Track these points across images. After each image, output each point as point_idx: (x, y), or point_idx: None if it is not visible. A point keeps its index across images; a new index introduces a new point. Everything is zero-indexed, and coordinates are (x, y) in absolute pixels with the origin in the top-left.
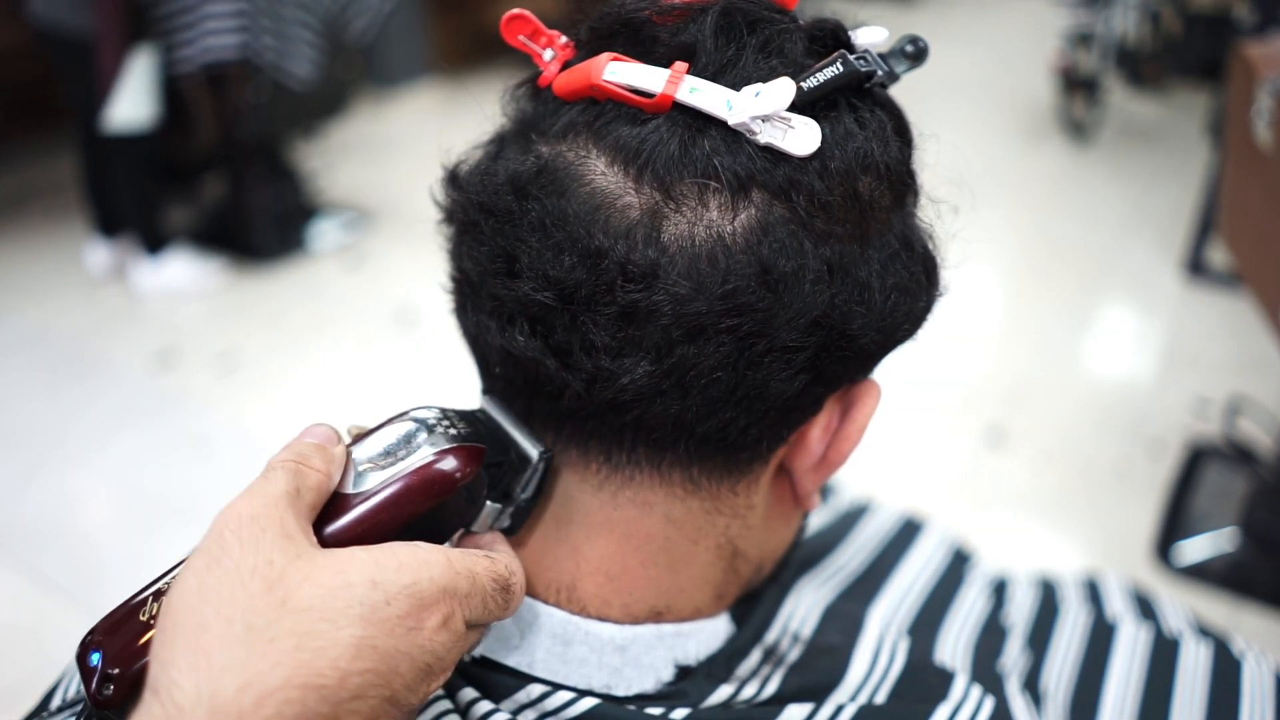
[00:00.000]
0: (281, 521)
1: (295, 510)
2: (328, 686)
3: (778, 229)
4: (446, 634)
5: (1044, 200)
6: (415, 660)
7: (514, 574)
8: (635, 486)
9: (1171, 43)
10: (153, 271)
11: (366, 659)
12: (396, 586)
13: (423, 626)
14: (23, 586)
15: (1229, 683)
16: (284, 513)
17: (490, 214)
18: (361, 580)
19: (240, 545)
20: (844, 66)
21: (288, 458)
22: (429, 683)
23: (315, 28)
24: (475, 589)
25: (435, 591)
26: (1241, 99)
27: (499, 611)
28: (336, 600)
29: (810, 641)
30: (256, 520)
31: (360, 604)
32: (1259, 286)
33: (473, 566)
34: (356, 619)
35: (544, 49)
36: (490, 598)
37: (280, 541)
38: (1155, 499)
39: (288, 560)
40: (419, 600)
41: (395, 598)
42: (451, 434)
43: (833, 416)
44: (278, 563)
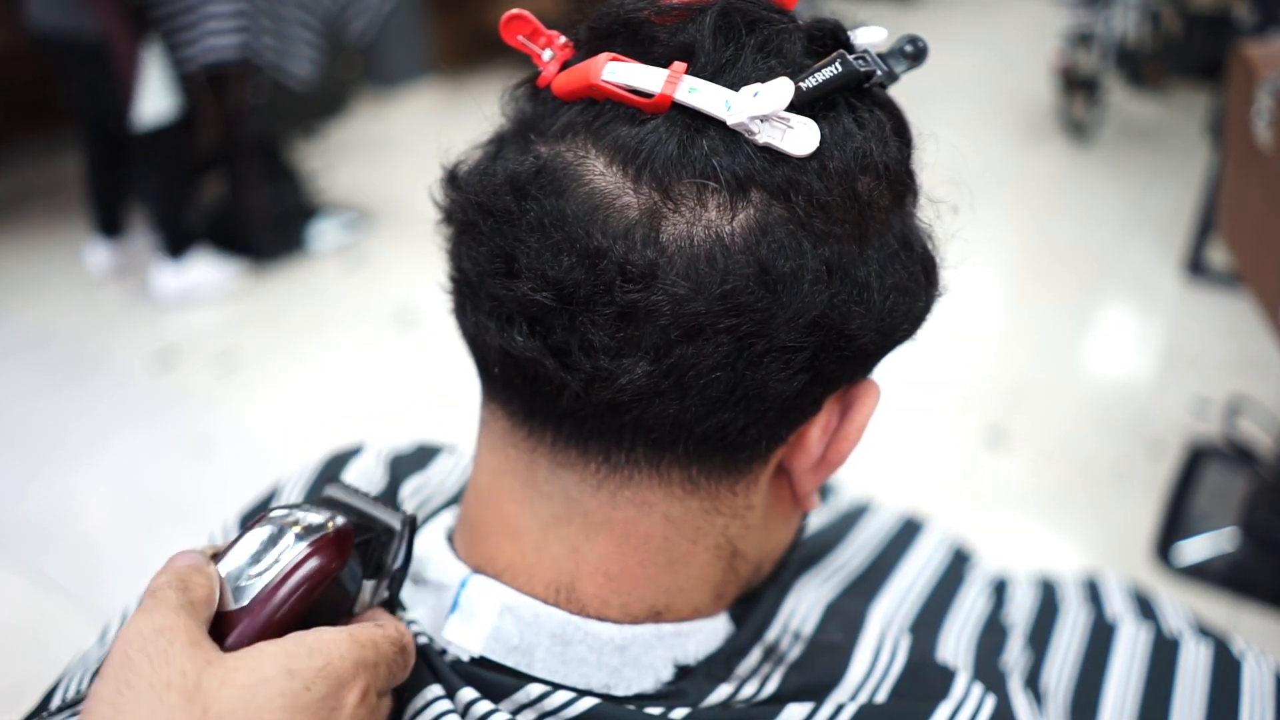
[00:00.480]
0: (186, 630)
1: (196, 618)
2: None
3: (776, 229)
4: (364, 708)
5: (1044, 200)
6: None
7: (403, 634)
8: (634, 486)
9: (1171, 43)
10: (175, 275)
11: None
12: (311, 671)
13: (343, 704)
14: (23, 586)
15: (1229, 683)
16: (186, 621)
17: (489, 214)
18: (278, 673)
19: (149, 661)
20: (843, 66)
21: (167, 579)
22: None
23: (315, 28)
24: (380, 656)
25: (349, 668)
26: (1241, 99)
27: (400, 674)
28: (257, 697)
29: (811, 639)
30: (161, 634)
31: (281, 695)
32: (1259, 286)
33: (372, 635)
34: (280, 710)
35: (543, 49)
36: (393, 661)
37: (189, 650)
38: (1155, 499)
39: (199, 668)
40: (336, 680)
41: (313, 682)
42: (314, 525)
43: (832, 416)
44: (190, 672)
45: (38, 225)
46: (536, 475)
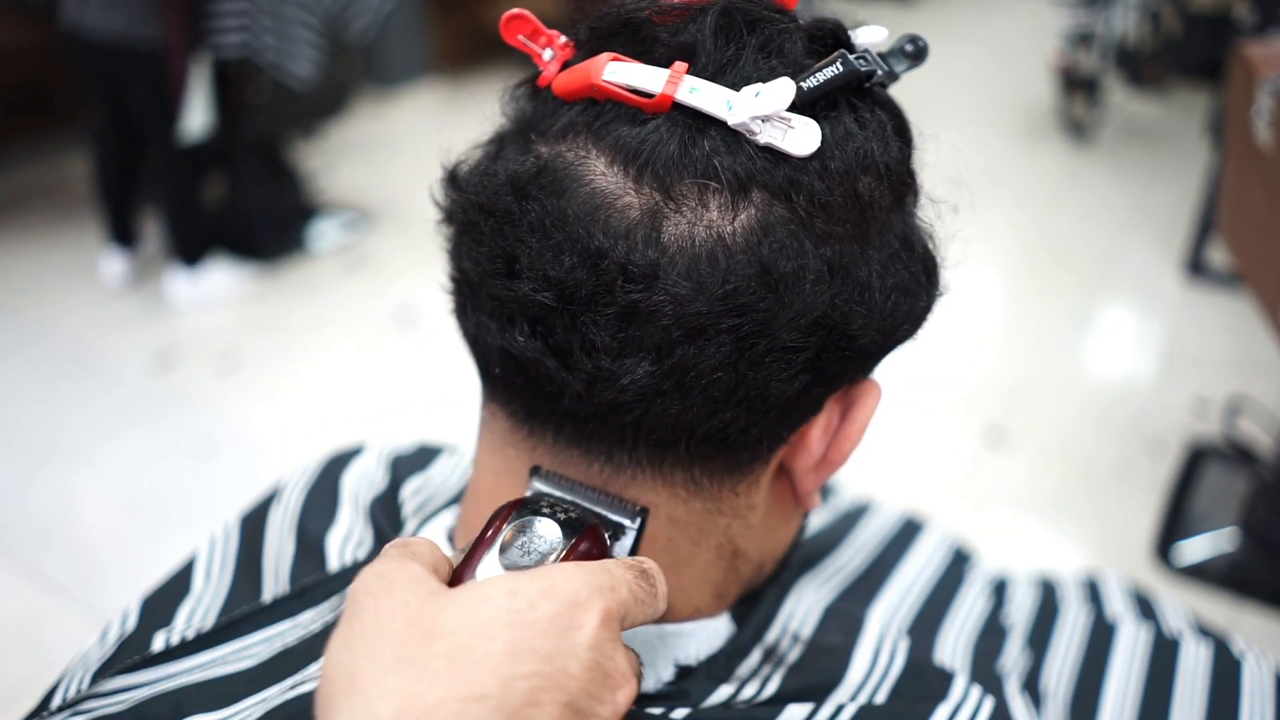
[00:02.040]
0: (406, 570)
1: (419, 564)
2: (491, 695)
3: (778, 229)
4: (608, 632)
5: (1044, 200)
6: (584, 660)
7: (643, 560)
8: (637, 487)
9: (1171, 43)
10: (190, 283)
11: (527, 662)
12: (535, 591)
13: (581, 625)
14: (23, 586)
15: (1229, 683)
16: (406, 565)
17: (490, 214)
18: (499, 593)
19: (374, 599)
20: (844, 66)
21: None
22: (612, 690)
23: (316, 28)
24: (617, 580)
25: (579, 588)
26: (1241, 99)
27: (649, 598)
28: (479, 615)
29: (810, 641)
30: (382, 576)
31: (505, 612)
32: (1259, 286)
33: (605, 564)
34: (504, 626)
35: (543, 49)
36: (635, 584)
37: (411, 585)
38: (1155, 499)
39: (421, 599)
40: (566, 599)
41: (537, 601)
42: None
43: (833, 416)
44: (413, 603)
45: (37, 226)
46: None
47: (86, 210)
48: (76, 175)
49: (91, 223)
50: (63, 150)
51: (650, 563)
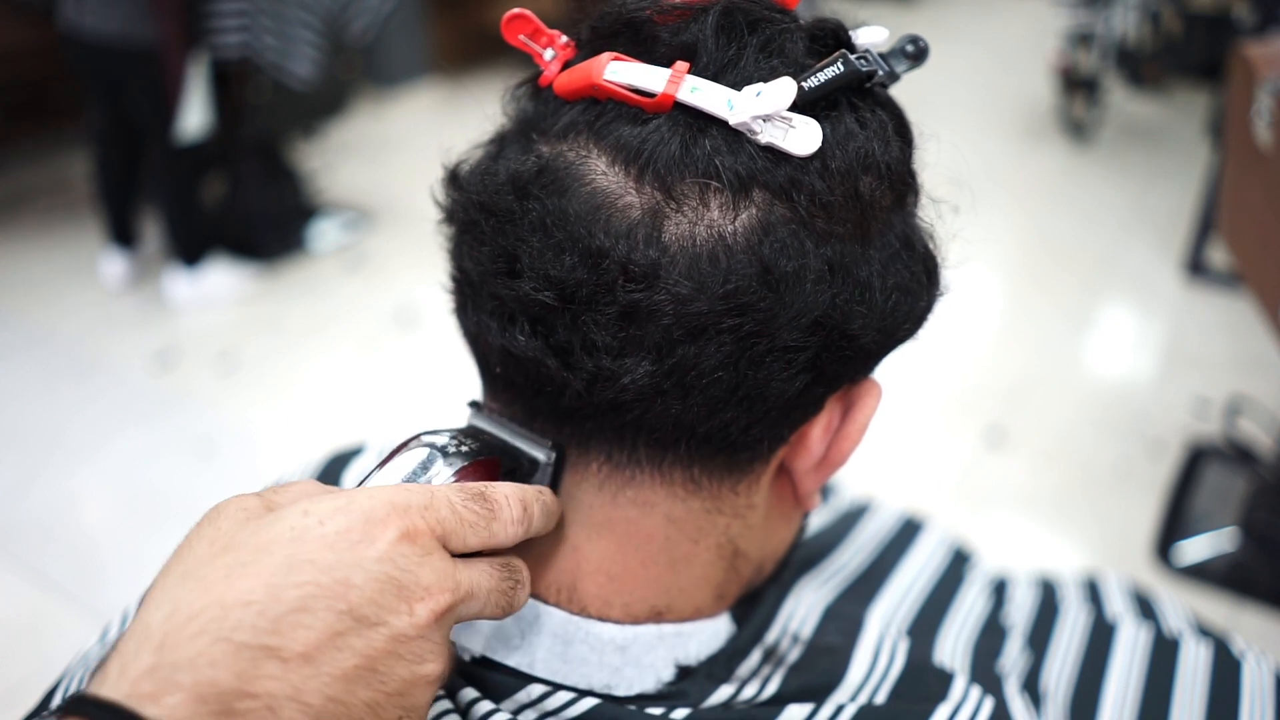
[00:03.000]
0: (240, 502)
1: (262, 498)
2: (257, 601)
3: (779, 229)
4: (411, 547)
5: (1044, 200)
6: (370, 571)
7: (490, 486)
8: (636, 486)
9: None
10: (190, 283)
11: (302, 573)
12: (329, 508)
13: (374, 539)
14: (23, 586)
15: (1229, 683)
16: (246, 498)
17: (491, 214)
18: (294, 512)
19: (197, 529)
20: (845, 66)
21: None
22: (409, 601)
23: (316, 27)
24: (436, 500)
25: (379, 506)
26: (1241, 99)
27: (483, 522)
28: (268, 533)
29: (810, 642)
30: (217, 509)
31: (291, 529)
32: (1259, 286)
33: (431, 486)
34: (287, 541)
35: (544, 48)
36: (463, 508)
37: (235, 514)
38: (1155, 499)
39: (235, 524)
40: (360, 515)
41: (329, 517)
42: (465, 451)
43: (834, 416)
44: (225, 528)
45: (38, 226)
46: None
47: (86, 210)
48: (76, 175)
49: (91, 223)
50: (63, 150)
51: (501, 491)
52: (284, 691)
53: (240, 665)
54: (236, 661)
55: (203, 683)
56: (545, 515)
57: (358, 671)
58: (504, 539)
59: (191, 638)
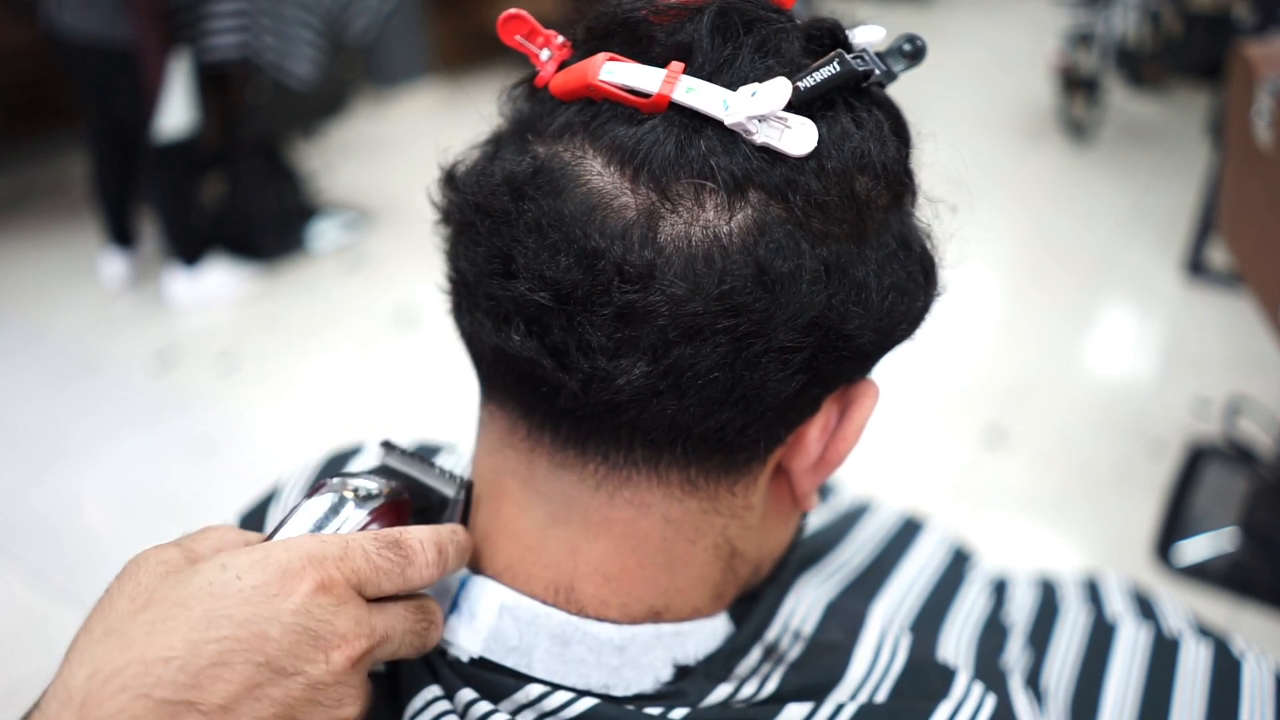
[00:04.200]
0: (160, 555)
1: (182, 549)
2: (178, 657)
3: (774, 229)
4: (326, 597)
5: (1044, 200)
6: (286, 624)
7: (405, 532)
8: (633, 487)
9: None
10: (190, 283)
11: (221, 627)
12: (246, 562)
13: (289, 592)
14: (23, 587)
15: (1229, 683)
16: (166, 550)
17: (486, 214)
18: (211, 567)
19: (118, 583)
20: (841, 66)
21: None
22: (325, 651)
23: (316, 27)
24: (350, 551)
25: (295, 558)
26: (1241, 99)
27: (397, 569)
28: (187, 588)
29: (811, 639)
30: (136, 562)
31: (209, 584)
32: (1259, 286)
33: (344, 535)
34: (205, 596)
35: (540, 49)
36: (377, 555)
37: (155, 568)
38: (1155, 499)
39: (155, 578)
40: (276, 569)
41: (246, 571)
42: (374, 495)
43: (830, 417)
44: (145, 582)
45: (38, 226)
46: (535, 476)
47: (86, 210)
48: (76, 175)
49: (91, 223)
50: (63, 150)
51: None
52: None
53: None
54: (157, 717)
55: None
56: (460, 555)
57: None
58: (419, 583)
59: (113, 695)
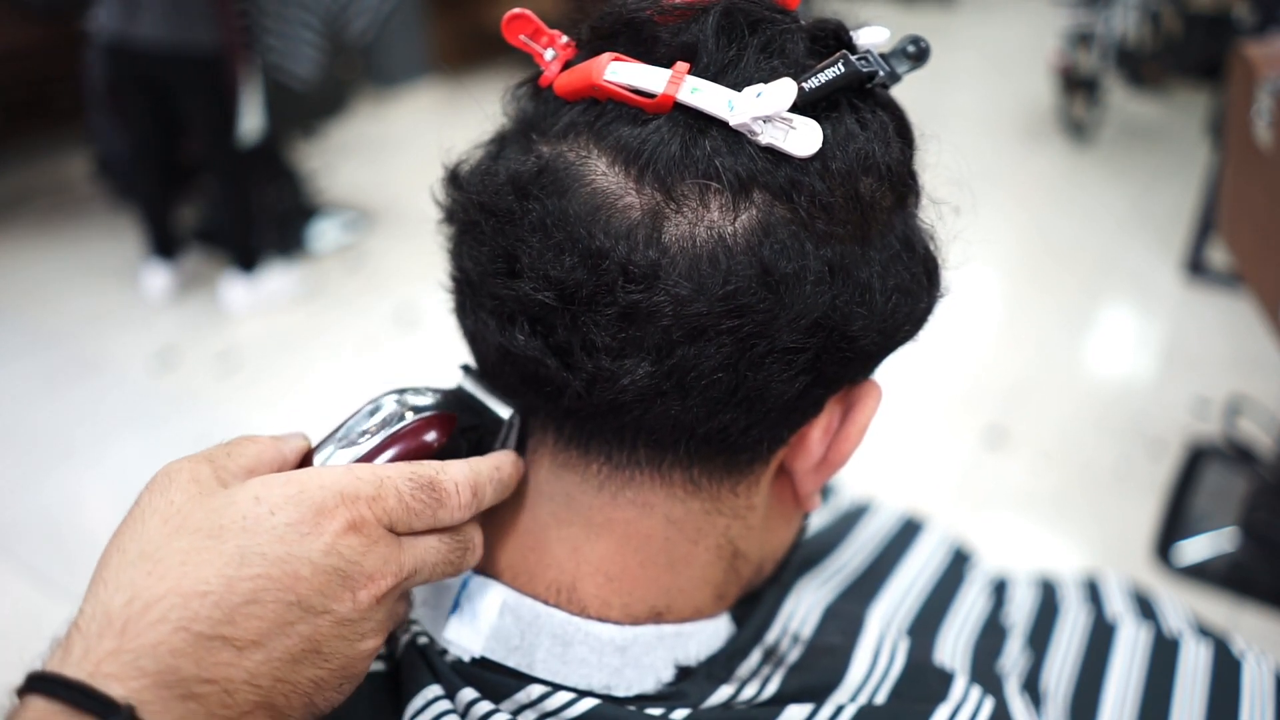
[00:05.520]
0: (193, 471)
1: (214, 465)
2: (213, 592)
3: (779, 230)
4: (357, 537)
5: (1044, 200)
6: (317, 564)
7: (441, 471)
8: (636, 487)
9: (1171, 43)
10: (249, 289)
11: (254, 565)
12: (281, 497)
13: (321, 531)
14: (23, 587)
15: (1229, 683)
16: (199, 465)
17: (491, 214)
18: (245, 498)
19: (149, 495)
20: (845, 67)
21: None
22: (352, 590)
23: (316, 27)
24: (384, 490)
25: (329, 496)
26: (1241, 99)
27: (429, 511)
28: (221, 518)
29: (810, 642)
30: (169, 473)
31: (243, 517)
32: (1259, 286)
33: (379, 471)
34: (238, 530)
35: (545, 48)
36: (410, 496)
37: (187, 486)
38: (1155, 499)
39: (189, 499)
40: (311, 506)
41: (280, 507)
42: (422, 404)
43: (833, 417)
44: (178, 501)
45: (37, 226)
46: (538, 475)
47: (86, 210)
48: (76, 175)
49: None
50: (63, 150)
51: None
52: (238, 676)
53: (199, 653)
54: (195, 650)
55: (165, 670)
56: (499, 490)
57: (303, 653)
58: (450, 523)
59: (152, 624)
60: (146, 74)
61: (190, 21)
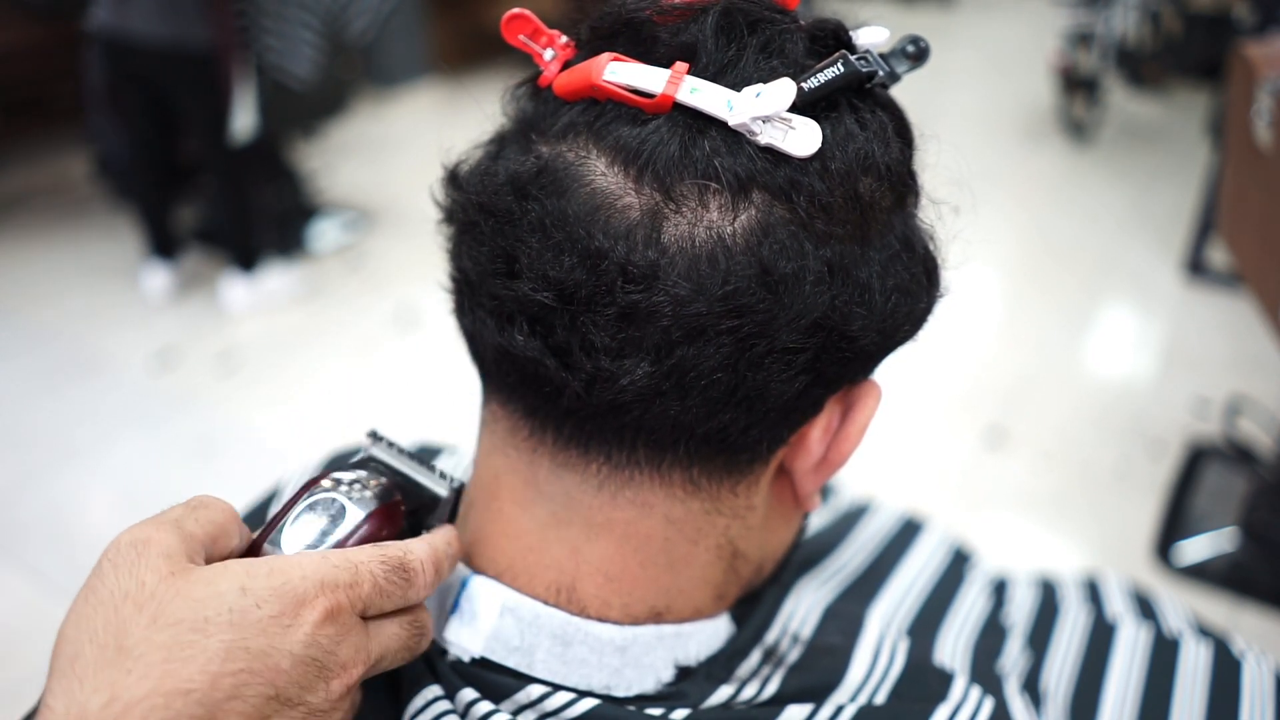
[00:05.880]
0: (162, 543)
1: (180, 535)
2: (197, 690)
3: (778, 230)
4: (334, 627)
5: (1044, 200)
6: (297, 655)
7: (409, 552)
8: (635, 487)
9: (1171, 43)
10: (249, 289)
11: (238, 660)
12: (266, 589)
13: (301, 621)
14: (23, 587)
15: (1229, 683)
16: (166, 535)
17: (490, 214)
18: (230, 589)
19: (115, 571)
20: (845, 67)
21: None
22: (326, 680)
23: (316, 27)
24: (360, 576)
25: (310, 587)
26: (1241, 99)
27: (400, 591)
28: (205, 610)
29: (810, 642)
30: (134, 545)
31: (229, 610)
32: (1259, 286)
33: (352, 557)
34: (225, 625)
35: (544, 49)
36: (384, 580)
37: (156, 562)
38: (1155, 499)
39: (160, 579)
40: (292, 598)
41: (265, 600)
42: (366, 496)
43: (833, 417)
44: (149, 583)
45: (36, 226)
46: (537, 475)
47: (86, 210)
48: (76, 175)
49: (91, 223)
50: (63, 150)
51: (417, 558)
52: None
53: None
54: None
55: None
56: (452, 563)
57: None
58: (416, 601)
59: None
60: (141, 71)
61: (183, 18)
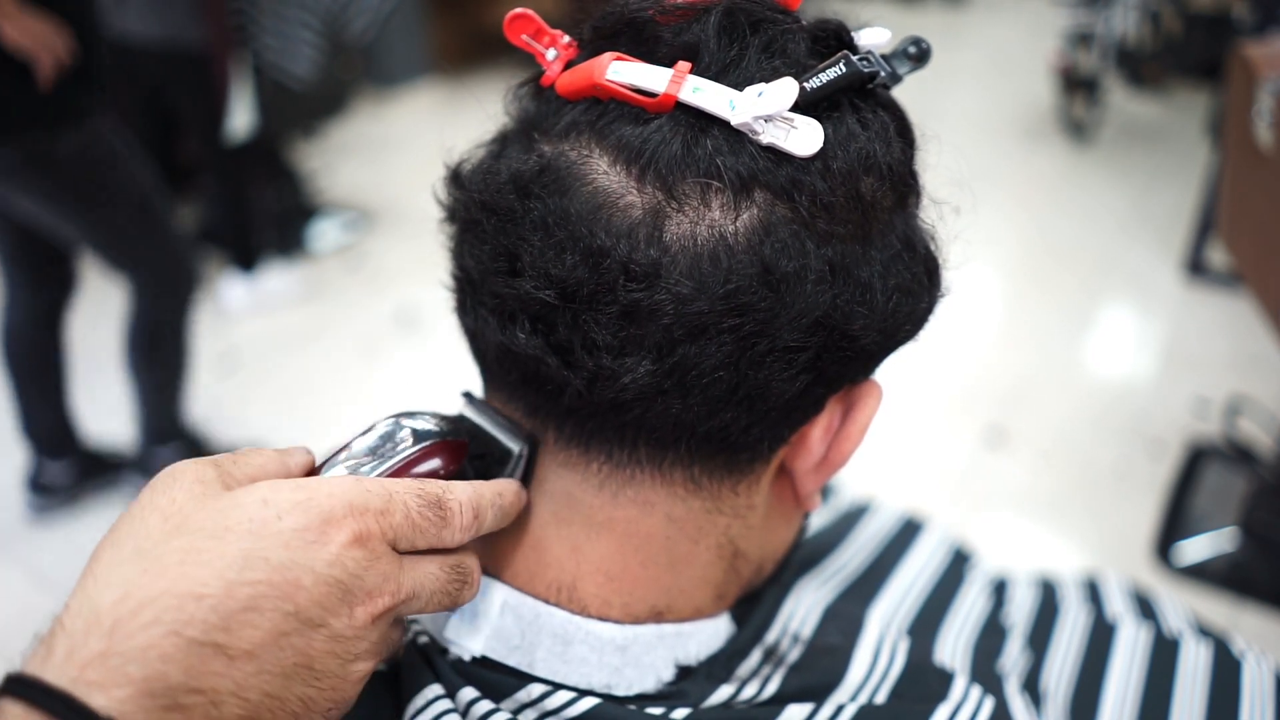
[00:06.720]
0: (198, 472)
1: (220, 469)
2: (211, 595)
3: (780, 229)
4: (361, 551)
5: (1044, 200)
6: (320, 574)
7: (448, 490)
8: (636, 486)
9: (1171, 43)
10: (249, 289)
11: (256, 570)
12: (289, 502)
13: (327, 541)
14: (23, 586)
15: (1229, 683)
16: (204, 467)
17: (492, 212)
18: (253, 500)
19: (150, 492)
20: (847, 67)
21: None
22: (350, 605)
23: (315, 27)
24: (393, 505)
25: (338, 506)
26: (1241, 99)
27: (434, 529)
28: (226, 519)
29: (810, 642)
30: (173, 473)
31: (250, 520)
32: (1259, 286)
33: (389, 485)
34: (245, 534)
35: (547, 48)
36: (417, 513)
37: (191, 486)
38: (1155, 499)
39: (191, 498)
40: (318, 514)
41: (287, 512)
42: (434, 431)
43: (834, 417)
44: (179, 500)
45: None
46: (538, 474)
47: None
48: None
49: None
50: None
51: (456, 498)
52: (227, 687)
53: (189, 660)
54: (186, 657)
55: (152, 677)
56: (500, 517)
57: (295, 668)
58: (451, 544)
59: (144, 627)
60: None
61: (177, 18)
